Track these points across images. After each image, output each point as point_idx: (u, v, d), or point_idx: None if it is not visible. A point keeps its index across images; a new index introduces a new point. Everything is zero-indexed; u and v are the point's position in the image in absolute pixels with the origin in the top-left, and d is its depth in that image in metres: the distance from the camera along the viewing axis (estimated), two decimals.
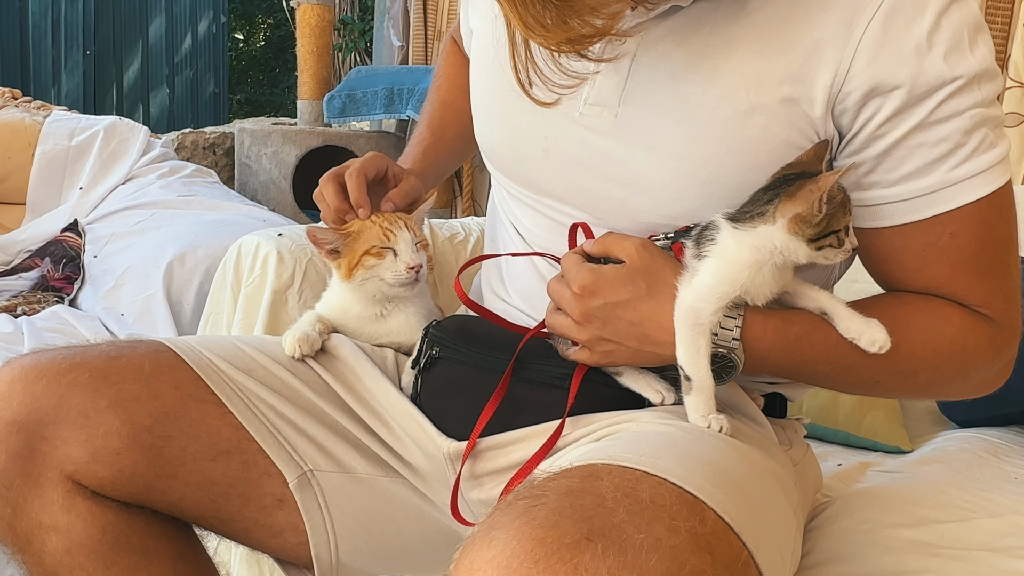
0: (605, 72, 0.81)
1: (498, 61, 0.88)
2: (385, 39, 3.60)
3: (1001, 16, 1.90)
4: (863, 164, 0.76)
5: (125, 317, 2.00)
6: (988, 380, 0.83)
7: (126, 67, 6.61)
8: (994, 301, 0.78)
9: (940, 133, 0.73)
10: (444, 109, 1.11)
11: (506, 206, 0.96)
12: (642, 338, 0.77)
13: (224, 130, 3.49)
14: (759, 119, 0.76)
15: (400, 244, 0.92)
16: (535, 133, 0.86)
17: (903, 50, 0.72)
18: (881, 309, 0.77)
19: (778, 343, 0.76)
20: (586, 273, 0.77)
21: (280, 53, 10.02)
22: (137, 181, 2.50)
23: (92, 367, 0.83)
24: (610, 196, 0.83)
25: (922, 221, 0.76)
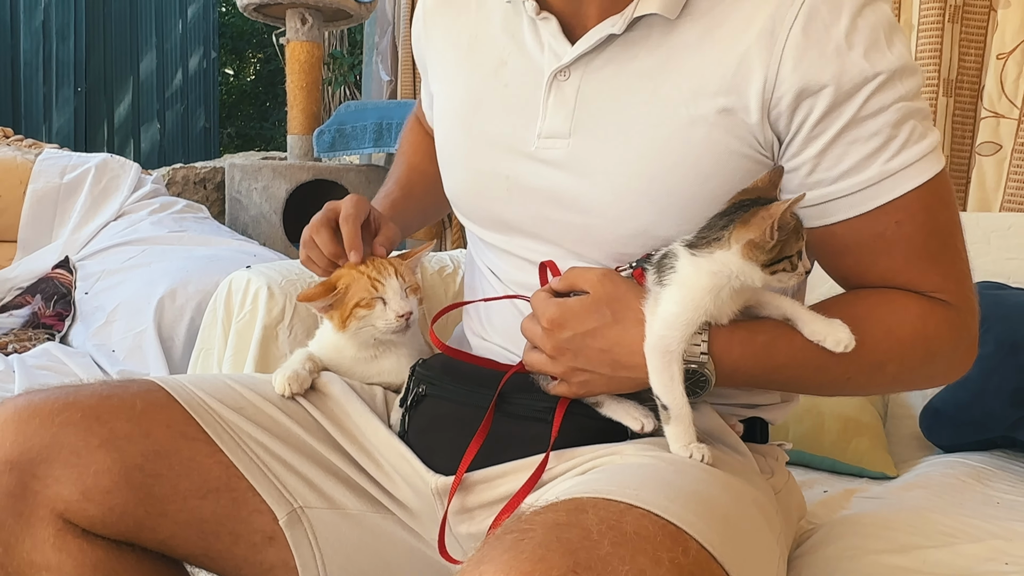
0: (553, 106, 0.86)
1: (459, 115, 0.94)
2: (374, 74, 3.64)
3: (974, 48, 1.95)
4: (805, 165, 0.80)
5: (116, 353, 2.01)
6: (955, 364, 0.85)
7: (117, 103, 6.65)
8: (947, 285, 0.82)
9: (871, 128, 0.77)
10: (411, 170, 1.16)
11: (481, 255, 0.99)
12: (614, 364, 0.79)
13: (215, 165, 3.51)
14: (700, 131, 0.80)
15: (389, 292, 0.94)
16: (497, 175, 0.90)
17: (825, 52, 0.76)
18: (841, 308, 0.80)
19: (746, 353, 0.78)
20: (553, 308, 0.80)
21: (270, 87, 10.08)
22: (128, 217, 2.52)
23: (84, 406, 0.84)
24: (572, 223, 0.86)
25: (868, 213, 0.79)
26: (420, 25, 1.05)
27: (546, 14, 0.86)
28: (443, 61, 1.00)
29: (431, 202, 1.14)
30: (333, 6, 3.10)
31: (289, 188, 2.97)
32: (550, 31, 0.86)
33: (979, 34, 1.94)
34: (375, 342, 0.97)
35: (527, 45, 0.89)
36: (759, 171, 0.81)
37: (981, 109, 1.91)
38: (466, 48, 0.95)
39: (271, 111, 10.11)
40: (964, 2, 1.93)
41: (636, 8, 0.81)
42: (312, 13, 3.11)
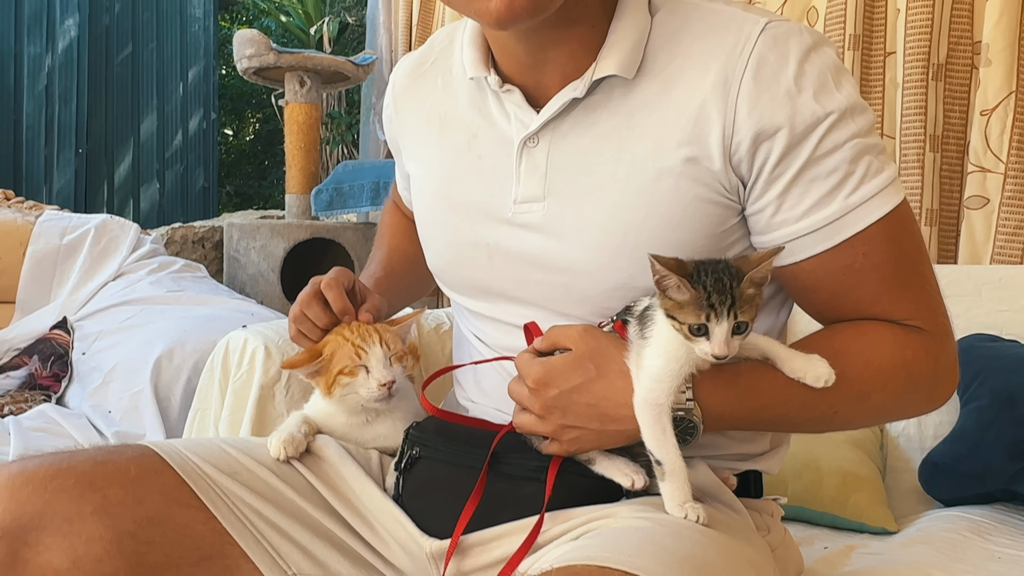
0: (526, 172, 0.88)
1: (436, 190, 0.97)
2: (371, 133, 3.70)
3: (959, 105, 1.99)
4: (769, 206, 0.82)
5: (112, 414, 2.00)
6: (937, 389, 0.86)
7: (117, 163, 6.72)
8: (920, 311, 0.83)
9: (829, 165, 0.80)
10: (391, 251, 1.18)
11: (467, 324, 1.01)
12: (602, 418, 0.80)
13: (213, 224, 3.54)
14: (667, 182, 0.82)
15: (372, 361, 0.94)
16: (478, 243, 0.93)
17: (776, 96, 0.79)
18: (819, 344, 0.81)
19: (731, 395, 0.79)
20: (537, 367, 0.81)
21: (268, 147, 10.21)
22: (127, 277, 2.54)
23: (78, 472, 0.84)
24: (554, 284, 0.88)
25: (835, 248, 0.81)
26: (391, 110, 1.08)
27: (509, 86, 0.89)
28: (416, 141, 1.02)
29: (413, 281, 1.16)
30: (331, 69, 3.17)
31: (287, 247, 2.99)
32: (515, 102, 0.89)
33: (962, 91, 1.98)
34: (361, 409, 0.97)
35: (495, 117, 0.92)
36: (728, 215, 0.83)
37: (968, 164, 1.94)
38: (437, 126, 0.98)
39: (269, 170, 10.22)
40: (947, 61, 1.98)
41: (595, 72, 0.84)
42: (311, 76, 3.17)
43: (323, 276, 1.00)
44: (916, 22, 1.96)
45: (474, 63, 0.91)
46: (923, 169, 1.96)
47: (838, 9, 2.09)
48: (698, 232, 0.83)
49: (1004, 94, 1.88)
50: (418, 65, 1.04)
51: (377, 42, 3.61)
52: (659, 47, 0.84)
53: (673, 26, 0.85)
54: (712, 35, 0.82)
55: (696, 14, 0.85)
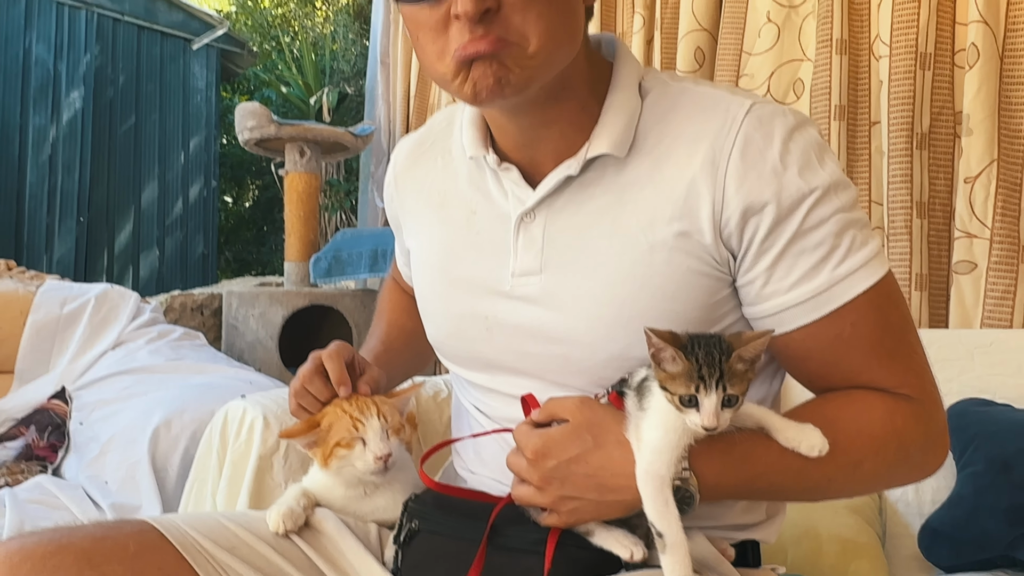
0: (523, 247, 0.91)
1: (436, 265, 1.00)
2: (370, 201, 3.76)
3: (943, 172, 2.04)
4: (759, 278, 0.84)
5: (109, 485, 1.99)
6: (929, 456, 0.87)
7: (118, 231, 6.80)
8: (908, 379, 0.85)
9: (816, 239, 0.83)
10: (390, 327, 1.20)
11: (467, 395, 1.02)
12: (601, 488, 0.80)
13: (212, 291, 3.57)
14: (660, 255, 0.85)
15: (369, 433, 0.95)
16: (476, 316, 0.95)
17: (763, 173, 0.82)
18: (811, 413, 0.83)
19: (727, 464, 0.80)
20: (536, 438, 0.83)
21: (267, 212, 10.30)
22: (126, 346, 2.55)
23: (77, 549, 0.84)
24: (552, 355, 0.90)
25: (824, 318, 0.83)
26: (392, 188, 1.11)
27: (507, 164, 0.93)
28: (417, 218, 1.05)
29: (412, 356, 1.18)
30: (331, 140, 3.24)
31: (286, 314, 3.01)
32: (512, 179, 0.92)
33: (946, 160, 2.03)
34: (360, 481, 0.98)
35: (493, 194, 0.95)
36: (719, 287, 0.86)
37: (954, 229, 1.98)
38: (437, 203, 1.01)
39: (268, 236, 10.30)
40: (930, 130, 2.03)
41: (588, 151, 0.88)
42: (311, 146, 3.24)
43: (324, 350, 1.02)
44: (899, 93, 2.02)
45: (473, 143, 0.95)
46: (911, 235, 1.99)
47: (823, 80, 2.15)
48: (691, 303, 0.85)
49: (986, 162, 1.93)
50: (418, 145, 1.08)
51: (376, 113, 3.69)
52: (650, 127, 0.88)
53: (663, 107, 0.89)
54: (701, 116, 0.86)
55: (685, 96, 0.89)
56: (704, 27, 2.43)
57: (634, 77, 0.90)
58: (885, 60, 2.06)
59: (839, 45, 2.13)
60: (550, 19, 0.80)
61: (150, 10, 7.46)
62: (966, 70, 1.97)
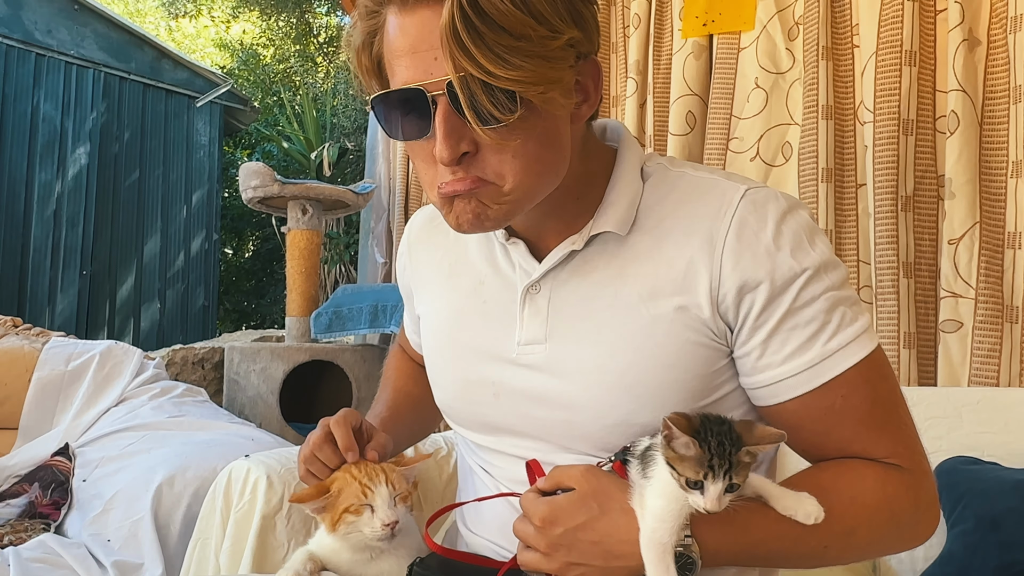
0: (529, 316, 0.96)
1: (444, 331, 1.04)
2: (369, 256, 3.81)
3: (928, 234, 2.10)
4: (754, 351, 0.89)
5: (111, 543, 2.00)
6: (919, 524, 0.90)
7: (120, 284, 6.83)
8: (898, 450, 0.89)
9: (807, 315, 0.87)
10: (396, 393, 1.24)
11: (473, 456, 1.06)
12: (606, 555, 0.83)
13: (213, 345, 3.60)
14: (661, 327, 0.90)
15: (377, 500, 0.98)
16: (484, 382, 0.99)
17: (757, 253, 0.87)
18: (806, 481, 0.87)
19: (727, 532, 0.83)
20: (543, 506, 0.85)
21: (267, 264, 10.34)
22: (129, 403, 2.57)
23: None
24: (556, 420, 0.94)
25: (816, 390, 0.88)
26: (406, 258, 1.16)
27: (515, 239, 0.98)
28: (428, 285, 1.11)
29: (417, 421, 1.22)
30: (333, 198, 3.31)
31: (286, 369, 3.04)
32: (519, 253, 0.98)
33: (931, 222, 2.09)
34: (366, 545, 1.00)
35: (501, 266, 1.01)
36: (717, 357, 0.90)
37: (940, 289, 2.03)
38: (447, 273, 1.07)
39: (267, 287, 10.32)
40: (914, 193, 2.10)
41: (593, 228, 0.94)
42: (313, 204, 3.30)
43: (332, 417, 1.05)
44: (883, 157, 2.09)
45: None
46: (898, 294, 2.04)
47: (810, 144, 2.23)
48: (691, 372, 0.90)
49: (969, 224, 1.99)
50: (432, 218, 1.13)
51: (376, 170, 3.77)
52: (650, 208, 0.94)
53: (663, 191, 0.95)
54: (699, 199, 0.92)
55: (683, 180, 0.95)
56: (695, 92, 2.51)
57: (636, 162, 0.96)
58: (870, 126, 2.13)
59: (825, 111, 2.21)
60: (526, 157, 0.84)
61: (155, 68, 7.63)
62: (947, 136, 2.04)
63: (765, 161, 2.34)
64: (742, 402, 0.94)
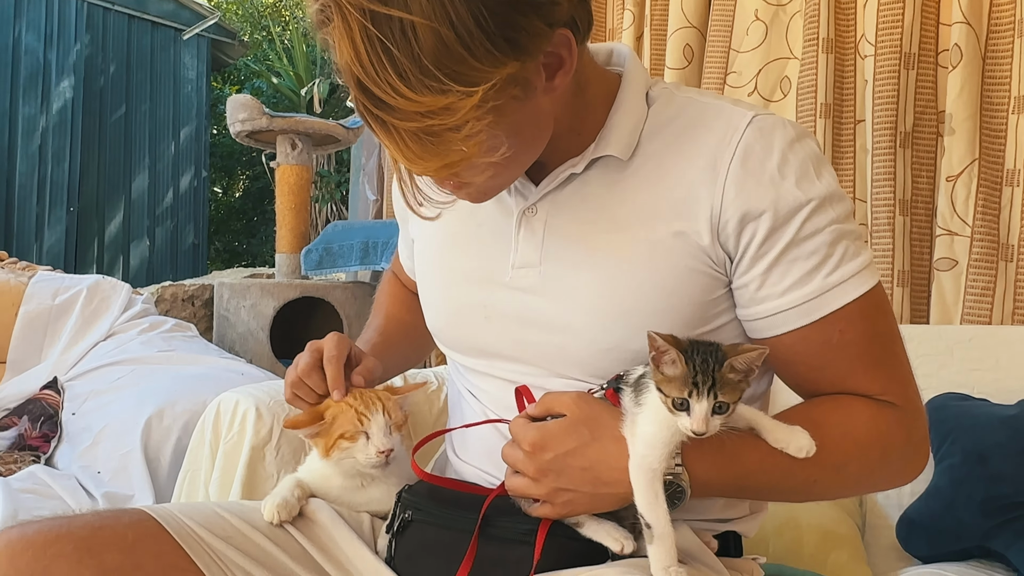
0: (524, 239, 0.94)
1: (438, 254, 1.03)
2: (360, 193, 3.77)
3: (926, 171, 2.07)
4: (754, 281, 0.88)
5: (102, 475, 2.00)
6: (909, 461, 0.91)
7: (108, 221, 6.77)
8: (893, 387, 0.89)
9: (810, 247, 0.86)
10: (388, 319, 1.23)
11: (462, 379, 1.05)
12: (595, 481, 0.83)
13: (203, 282, 3.58)
14: (659, 253, 0.88)
15: (373, 428, 0.97)
16: (475, 305, 0.97)
17: (761, 182, 0.85)
18: (799, 416, 0.86)
19: (717, 462, 0.83)
20: (533, 432, 0.85)
21: (258, 203, 10.28)
22: (118, 338, 2.56)
23: (76, 538, 0.86)
24: (548, 344, 0.92)
25: (813, 324, 0.87)
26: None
27: None
28: None
29: (408, 349, 1.21)
30: (322, 132, 3.25)
31: (276, 306, 3.02)
32: None
33: (929, 158, 2.06)
34: (356, 473, 1.00)
35: None
36: (715, 286, 0.89)
37: (936, 227, 2.01)
38: None
39: (258, 226, 10.27)
40: (913, 129, 2.06)
41: (594, 151, 0.91)
42: (302, 139, 3.25)
43: (320, 341, 1.03)
44: (883, 93, 2.05)
45: None
46: (893, 232, 2.02)
47: (809, 79, 2.18)
48: (687, 300, 0.88)
49: (967, 161, 1.96)
50: None
51: None
52: (654, 133, 0.91)
53: (668, 116, 0.92)
54: (703, 125, 0.89)
55: (689, 106, 0.92)
56: (693, 24, 2.45)
57: (641, 87, 0.93)
58: (870, 59, 2.08)
59: (825, 44, 2.16)
60: (504, 154, 0.81)
61: None
62: (949, 70, 2.00)
63: (763, 96, 2.29)
64: (738, 334, 0.93)
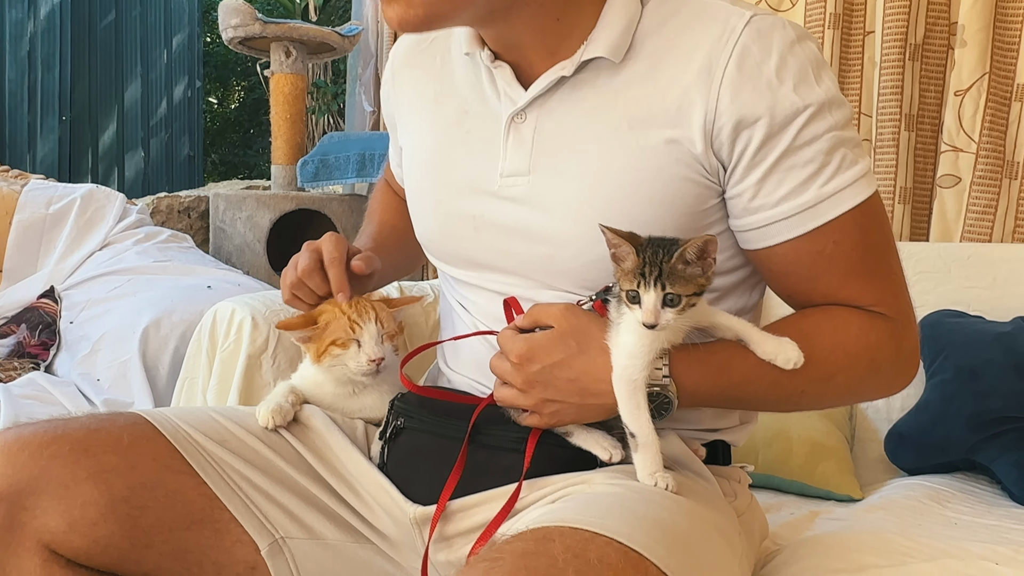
0: (513, 147, 0.92)
1: (426, 164, 1.00)
2: (357, 104, 3.69)
3: (934, 85, 2.02)
4: (748, 191, 0.86)
5: (101, 382, 2.03)
6: (899, 373, 0.91)
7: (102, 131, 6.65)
8: (885, 298, 0.88)
9: (806, 155, 0.83)
10: (382, 226, 1.21)
11: (452, 291, 1.04)
12: (582, 392, 0.83)
13: (199, 194, 3.54)
14: (650, 161, 0.86)
15: (365, 336, 0.97)
16: (464, 215, 0.96)
17: (758, 86, 0.82)
18: (789, 327, 0.86)
19: (705, 372, 0.83)
20: (520, 343, 0.85)
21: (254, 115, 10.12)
22: (113, 247, 2.55)
23: (73, 439, 0.87)
24: (537, 255, 0.91)
25: (807, 234, 0.85)
26: (389, 85, 1.10)
27: (500, 63, 0.92)
28: (411, 115, 1.05)
29: (402, 256, 1.19)
30: (317, 40, 3.16)
31: (273, 218, 3.00)
32: (504, 78, 0.92)
33: (938, 72, 2.02)
34: (349, 380, 1.00)
35: (486, 93, 0.95)
36: (708, 196, 0.87)
37: (941, 143, 1.98)
38: (431, 101, 1.01)
39: (255, 139, 10.15)
40: (923, 41, 2.01)
41: (584, 53, 0.88)
42: (296, 46, 3.16)
43: (318, 241, 1.02)
44: (894, 3, 1.99)
45: (468, 38, 0.94)
46: (898, 148, 1.99)
47: None
48: (678, 209, 0.86)
49: (978, 75, 1.92)
50: (418, 42, 1.06)
51: (363, 13, 3.59)
52: (647, 34, 0.88)
53: (662, 15, 0.88)
54: (699, 25, 0.85)
55: (686, 6, 0.88)
56: None
57: None
58: None
59: None
60: None
61: None
62: None
63: (770, 4, 2.22)
64: (729, 245, 0.91)
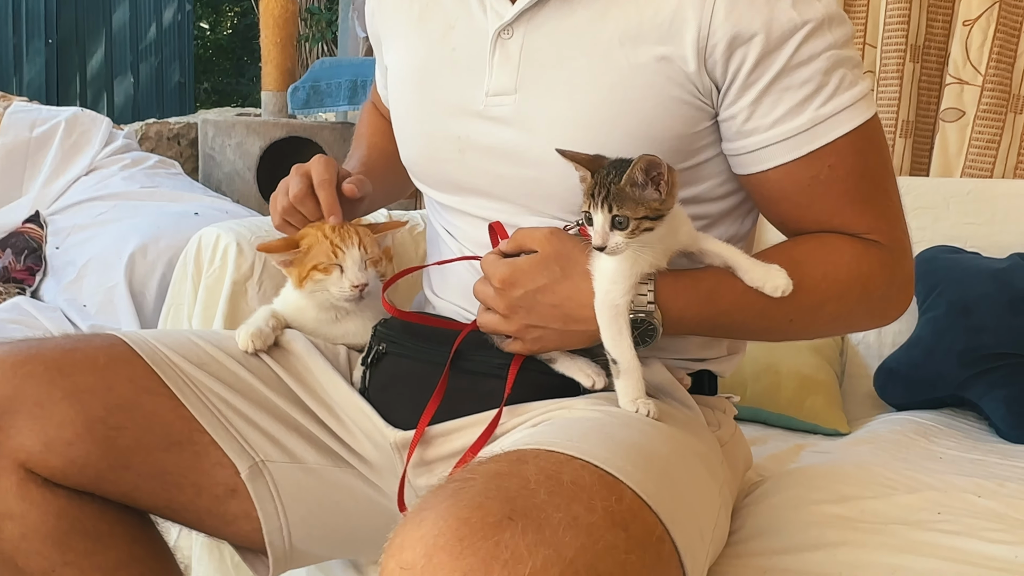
0: (499, 64, 0.88)
1: (411, 83, 0.97)
2: (350, 30, 3.61)
3: (942, 14, 1.96)
4: (741, 113, 0.83)
5: (87, 308, 2.02)
6: (891, 302, 0.89)
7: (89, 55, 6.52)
8: (880, 225, 0.86)
9: (803, 75, 0.80)
10: (371, 149, 1.17)
11: (438, 217, 1.02)
12: (565, 318, 0.82)
13: (188, 120, 3.48)
14: (640, 79, 0.83)
15: (348, 262, 0.95)
16: (449, 137, 0.93)
17: (754, 1, 0.79)
18: (779, 254, 0.84)
19: (691, 300, 0.82)
20: (503, 267, 0.83)
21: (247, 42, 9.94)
22: (99, 172, 2.50)
23: (47, 359, 0.85)
24: (523, 178, 0.89)
25: (802, 158, 0.82)
26: (374, 3, 1.06)
27: None
28: (395, 32, 1.01)
29: (392, 180, 1.16)
30: None
31: (263, 145, 2.95)
32: None
33: (947, 3, 1.96)
34: (332, 305, 0.99)
35: (472, 7, 0.91)
36: (700, 117, 0.84)
37: (946, 75, 1.93)
38: (416, 17, 0.97)
39: (248, 66, 9.99)
40: None
41: None
42: None
43: (307, 164, 0.99)
44: None
45: None
46: (901, 80, 1.94)
47: None
48: (669, 131, 0.84)
49: (988, 3, 1.86)
50: None
51: None
52: None
53: None
54: None
55: None
56: None
57: None
58: None
59: None
60: None
61: None
62: None
63: None
64: (721, 170, 0.89)
